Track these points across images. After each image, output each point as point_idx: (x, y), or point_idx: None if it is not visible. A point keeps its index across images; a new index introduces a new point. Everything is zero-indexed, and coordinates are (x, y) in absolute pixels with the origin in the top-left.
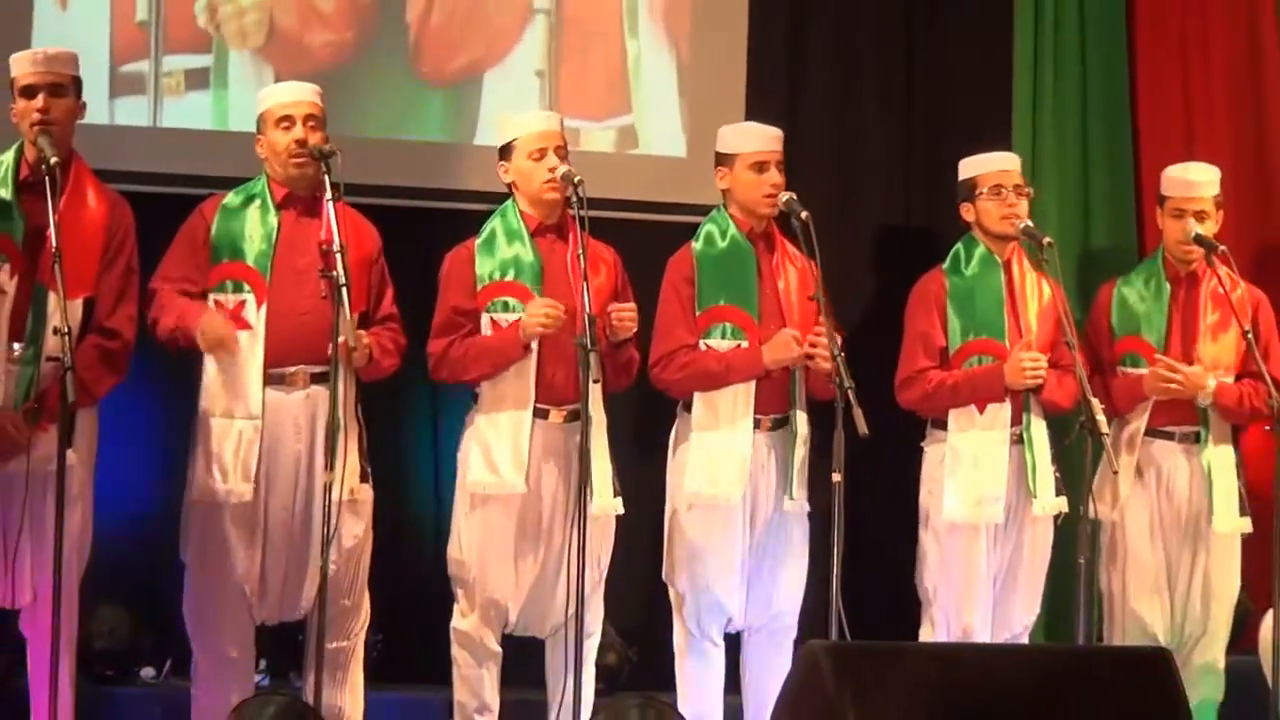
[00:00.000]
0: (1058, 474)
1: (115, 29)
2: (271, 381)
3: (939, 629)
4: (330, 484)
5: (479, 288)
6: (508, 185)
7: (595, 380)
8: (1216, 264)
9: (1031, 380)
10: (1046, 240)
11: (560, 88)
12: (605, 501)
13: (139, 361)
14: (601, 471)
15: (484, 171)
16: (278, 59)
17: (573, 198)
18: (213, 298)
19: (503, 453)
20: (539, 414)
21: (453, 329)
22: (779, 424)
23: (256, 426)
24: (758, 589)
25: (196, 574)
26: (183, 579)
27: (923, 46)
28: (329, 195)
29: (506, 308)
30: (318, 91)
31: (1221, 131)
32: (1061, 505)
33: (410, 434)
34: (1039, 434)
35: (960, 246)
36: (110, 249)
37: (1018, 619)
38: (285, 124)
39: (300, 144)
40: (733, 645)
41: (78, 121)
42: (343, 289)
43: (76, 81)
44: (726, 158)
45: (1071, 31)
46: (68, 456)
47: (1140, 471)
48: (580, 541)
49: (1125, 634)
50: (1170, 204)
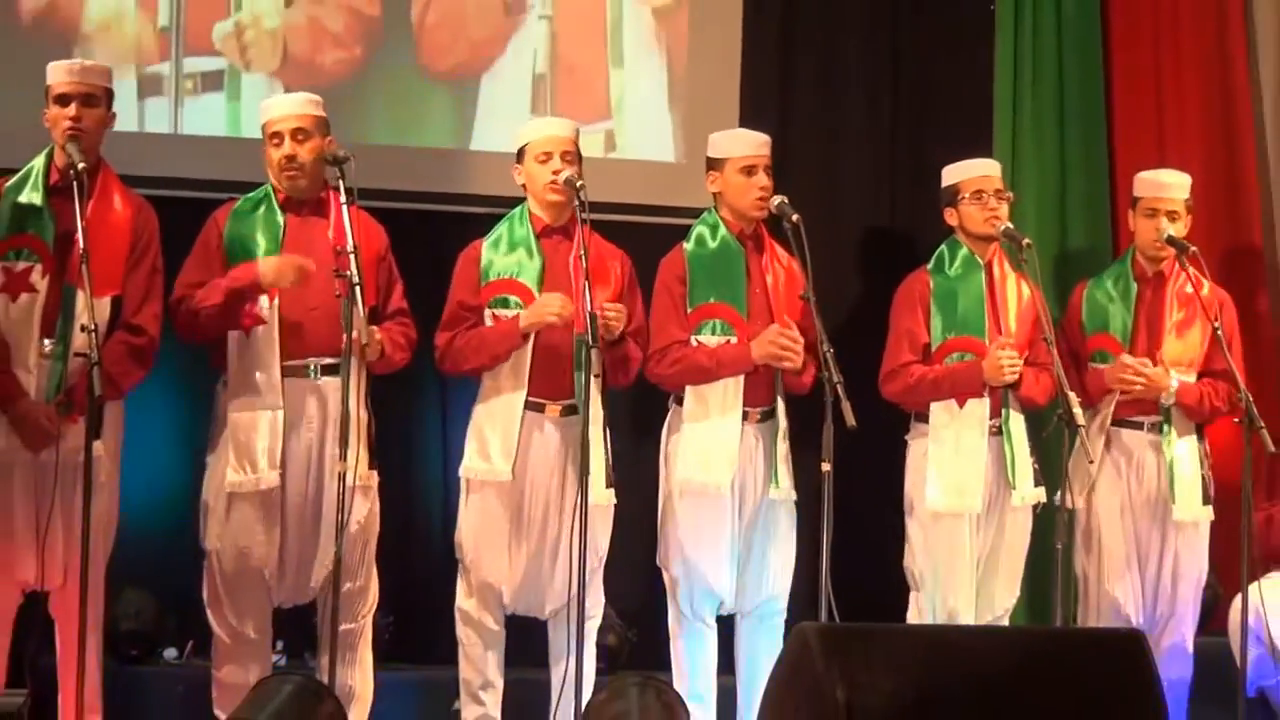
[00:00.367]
0: (1036, 466)
1: (139, 34)
2: (285, 373)
3: (925, 611)
4: (344, 472)
5: (483, 284)
6: (521, 188)
7: (596, 375)
8: (1187, 264)
9: (1009, 376)
10: (1025, 241)
11: (557, 91)
12: (599, 492)
13: (164, 358)
14: (597, 464)
15: (483, 175)
16: (291, 77)
17: (575, 201)
18: None
19: (494, 441)
20: (536, 408)
21: (457, 323)
22: (766, 416)
23: (280, 416)
24: (748, 573)
25: (219, 560)
26: (203, 565)
27: (907, 57)
28: (343, 199)
29: (507, 304)
30: (312, 101)
31: (1192, 137)
32: (1040, 495)
33: (419, 424)
34: (1017, 428)
35: (944, 248)
36: (136, 250)
37: (999, 602)
38: (275, 140)
39: (289, 159)
40: (727, 628)
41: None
42: (356, 287)
43: (108, 93)
44: (717, 162)
45: (1049, 41)
46: (95, 447)
47: (1110, 459)
48: (581, 529)
49: (1100, 616)
50: (1143, 204)
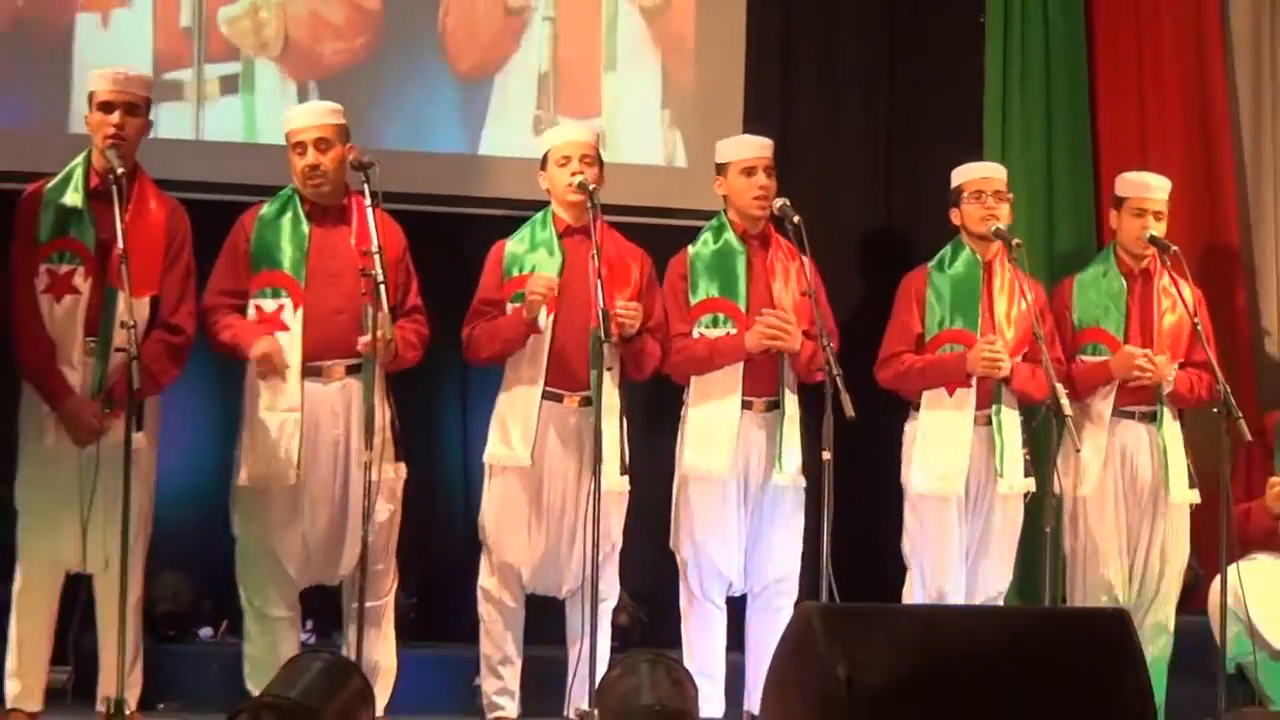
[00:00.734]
0: (1028, 456)
1: (157, 40)
2: (309, 374)
3: (917, 591)
4: (369, 463)
5: (505, 280)
6: (546, 192)
7: (608, 368)
8: (1169, 265)
9: (988, 369)
10: (1015, 241)
11: (560, 91)
12: (613, 479)
13: (199, 356)
14: (611, 452)
15: (490, 176)
16: (293, 67)
17: (588, 202)
18: (254, 303)
19: (515, 429)
20: (554, 398)
21: (477, 316)
22: (771, 406)
23: (296, 418)
24: (755, 556)
25: (246, 547)
26: (234, 550)
27: (902, 66)
28: (368, 202)
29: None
30: (333, 110)
31: (1173, 141)
32: (1029, 485)
33: (441, 414)
34: (1008, 420)
35: (949, 247)
36: (171, 251)
37: (991, 585)
38: (299, 150)
39: (312, 168)
40: (739, 608)
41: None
42: (381, 286)
43: (148, 102)
44: (721, 166)
45: (1036, 50)
46: (137, 439)
47: (1107, 448)
48: (594, 514)
49: (1087, 596)
50: (1130, 203)
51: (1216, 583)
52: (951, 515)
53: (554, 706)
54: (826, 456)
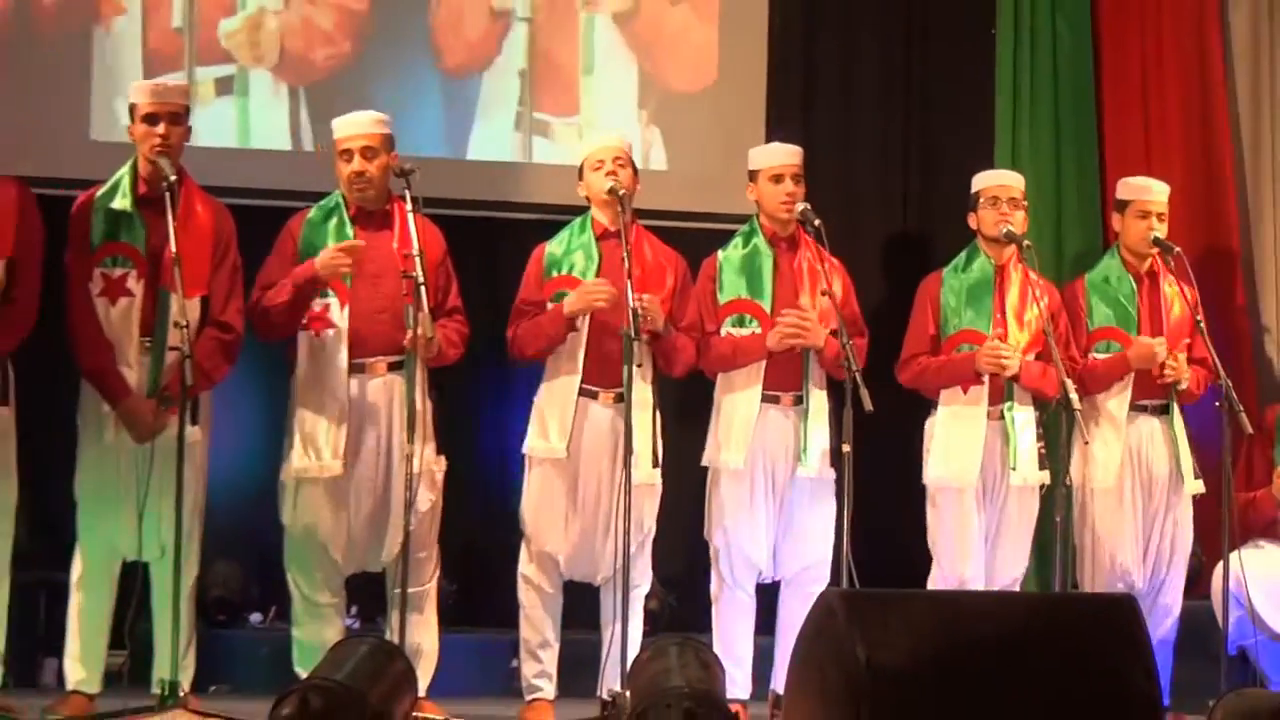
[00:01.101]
0: (1043, 450)
1: (148, 45)
2: (354, 371)
3: (939, 580)
4: (411, 456)
5: (546, 280)
6: (585, 199)
7: (637, 365)
8: (1173, 266)
9: (990, 366)
10: (1026, 244)
11: (535, 88)
12: (644, 472)
13: (249, 353)
14: (643, 446)
15: (474, 180)
16: (287, 74)
17: (619, 206)
18: None
19: (553, 423)
20: (590, 394)
21: (519, 316)
22: (798, 400)
23: (343, 411)
24: (786, 544)
25: (293, 536)
26: (282, 539)
27: (918, 78)
28: (409, 207)
29: (565, 298)
30: (379, 120)
31: (1175, 149)
32: (1043, 478)
33: (480, 409)
34: (1020, 416)
35: (965, 252)
36: (218, 252)
37: (1007, 572)
38: (345, 156)
39: (358, 175)
40: (767, 593)
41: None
42: (422, 288)
43: (187, 109)
44: (753, 174)
45: (1045, 62)
46: (193, 433)
47: (1121, 440)
48: (625, 505)
49: (1102, 582)
50: (1134, 206)
51: (1219, 569)
52: (968, 505)
53: (587, 687)
54: (846, 449)
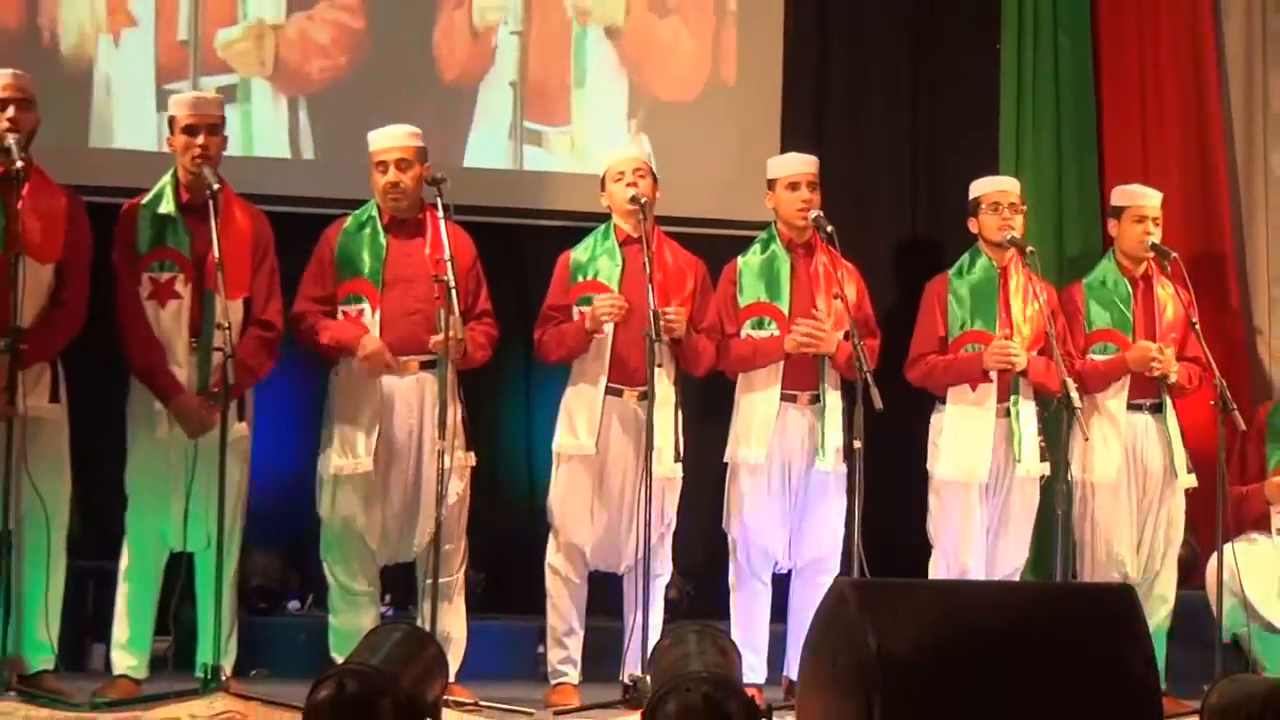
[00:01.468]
0: (1043, 443)
1: (160, 54)
2: (386, 369)
3: (942, 568)
4: (442, 452)
5: (572, 285)
6: (607, 208)
7: (659, 365)
8: (1168, 270)
9: (999, 363)
10: (1029, 249)
11: (527, 99)
12: (667, 467)
13: (289, 356)
14: (665, 441)
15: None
16: (284, 85)
17: (640, 214)
18: (341, 309)
19: (580, 421)
20: (615, 392)
21: (546, 321)
22: (814, 399)
23: (376, 410)
24: (800, 536)
25: (330, 527)
26: (320, 530)
27: (925, 92)
28: (441, 215)
29: (590, 303)
30: (413, 133)
31: (1172, 158)
32: (1044, 470)
33: (508, 408)
34: (1025, 411)
35: (967, 254)
36: (258, 255)
37: (1009, 562)
38: (381, 168)
39: (393, 185)
40: (782, 582)
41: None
42: (453, 291)
43: (224, 120)
44: (770, 182)
45: (1047, 75)
46: (239, 428)
47: (1117, 437)
48: (646, 498)
49: (1097, 571)
50: (1130, 212)
51: (1214, 560)
52: (974, 499)
53: (610, 672)
54: (858, 445)
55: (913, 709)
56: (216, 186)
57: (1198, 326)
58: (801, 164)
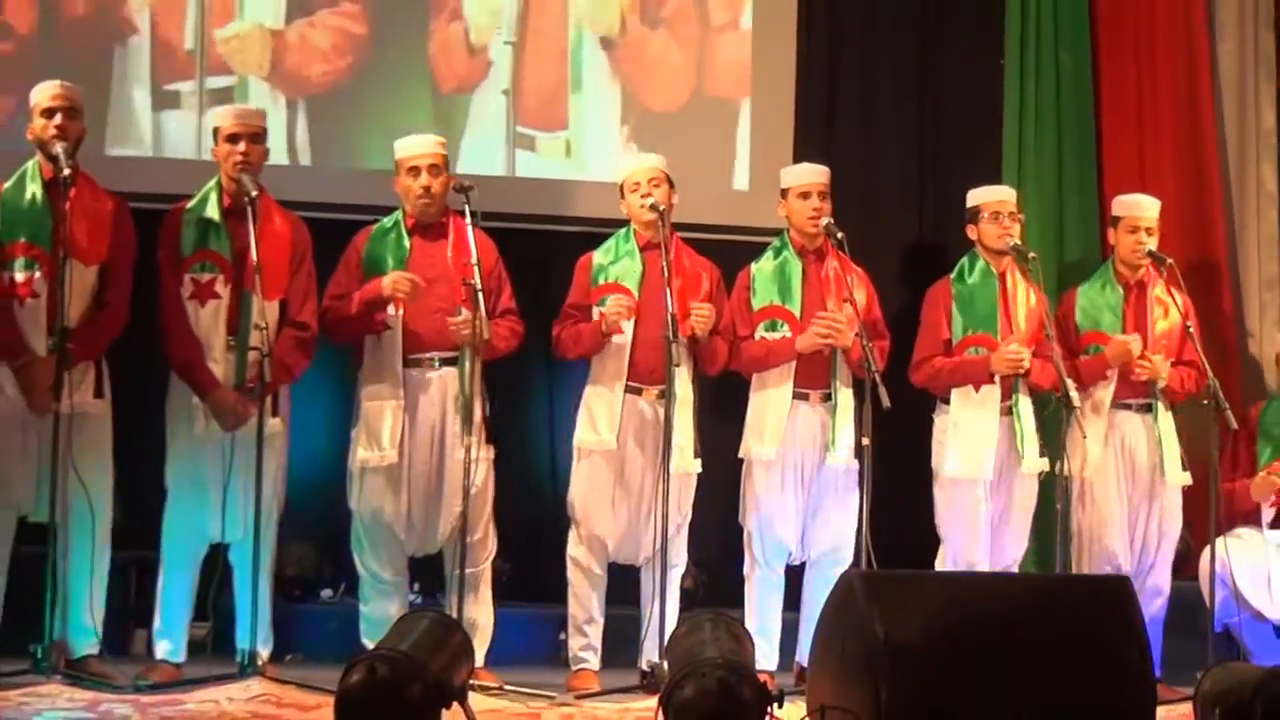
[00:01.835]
0: (1041, 440)
1: (157, 57)
2: (410, 365)
3: (949, 560)
4: (468, 445)
5: (593, 286)
6: (626, 215)
7: (677, 365)
8: (1165, 275)
9: (1008, 368)
10: (1031, 255)
11: (523, 105)
12: (685, 462)
13: (322, 355)
14: (683, 438)
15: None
16: (284, 85)
17: (659, 221)
18: None
19: (601, 417)
20: (635, 391)
21: (565, 319)
22: (826, 397)
23: (399, 406)
24: (812, 528)
25: (361, 519)
26: (351, 522)
27: (932, 103)
28: (468, 221)
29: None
30: (441, 141)
31: (1167, 168)
32: (1043, 465)
33: (531, 403)
34: (1025, 409)
35: (965, 260)
36: (295, 259)
37: (1010, 553)
38: (412, 173)
39: (425, 190)
40: (794, 573)
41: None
42: (479, 293)
43: (265, 131)
44: (784, 191)
45: (1049, 90)
46: (274, 424)
47: (1107, 435)
48: (664, 493)
49: (1093, 564)
50: (1125, 222)
51: (1207, 553)
52: (979, 495)
53: (629, 659)
54: (866, 442)
55: (919, 694)
56: (255, 193)
57: (1193, 331)
58: (813, 174)
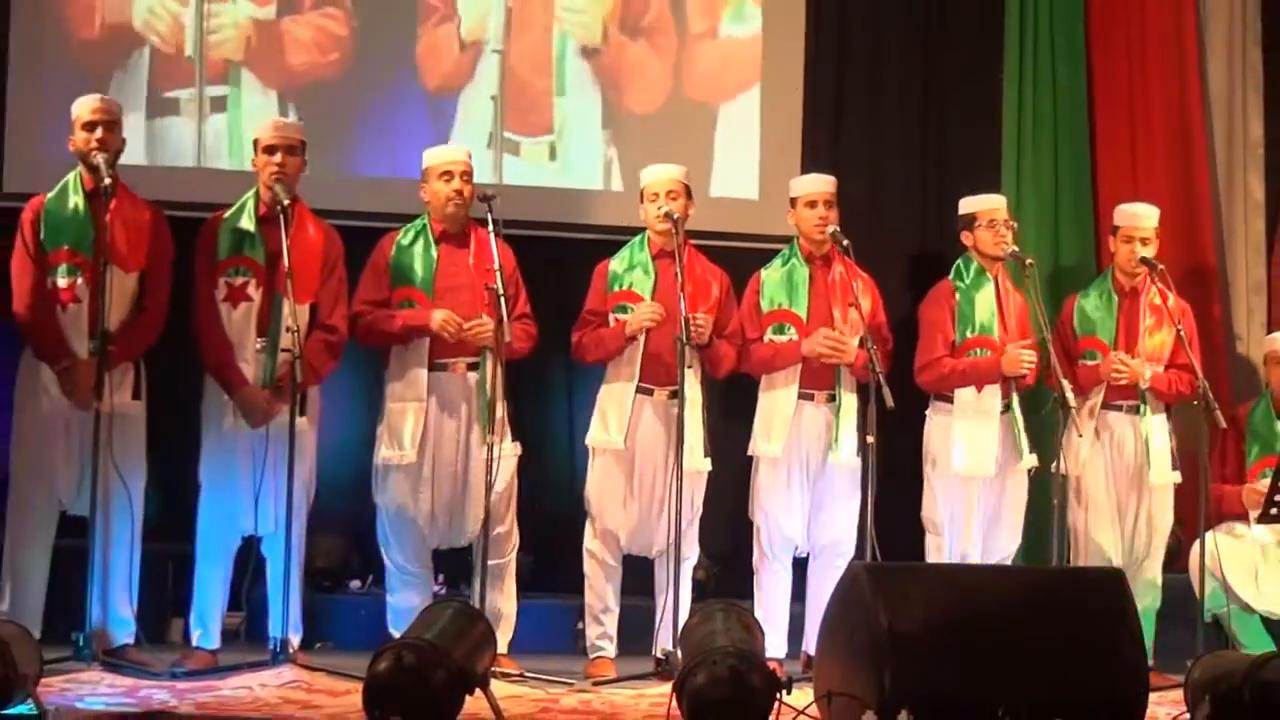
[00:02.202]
0: (1029, 437)
1: (156, 64)
2: (435, 368)
3: (940, 552)
4: (491, 444)
5: (610, 293)
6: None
7: (689, 366)
8: (1157, 279)
9: (1024, 370)
10: (1029, 261)
11: (507, 111)
12: (696, 461)
13: (350, 356)
14: (694, 437)
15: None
16: (273, 80)
17: (673, 230)
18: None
19: (612, 418)
20: (646, 392)
21: (584, 325)
22: (830, 398)
23: (422, 407)
24: (817, 523)
25: (386, 513)
26: (377, 516)
27: (934, 115)
28: (491, 228)
29: (625, 310)
30: (467, 151)
31: (1159, 177)
32: (1033, 461)
33: (550, 404)
34: (1019, 408)
35: (960, 264)
36: (327, 266)
37: (1003, 546)
38: (445, 177)
39: (458, 193)
40: (802, 565)
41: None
42: (502, 299)
43: (303, 143)
44: (792, 200)
45: (1045, 101)
46: (301, 423)
47: (1098, 435)
48: (676, 489)
49: (1087, 558)
50: (1122, 231)
51: (1196, 547)
52: (975, 490)
53: (644, 647)
54: (870, 440)
55: (921, 681)
56: (288, 201)
57: (1184, 334)
58: (820, 183)
